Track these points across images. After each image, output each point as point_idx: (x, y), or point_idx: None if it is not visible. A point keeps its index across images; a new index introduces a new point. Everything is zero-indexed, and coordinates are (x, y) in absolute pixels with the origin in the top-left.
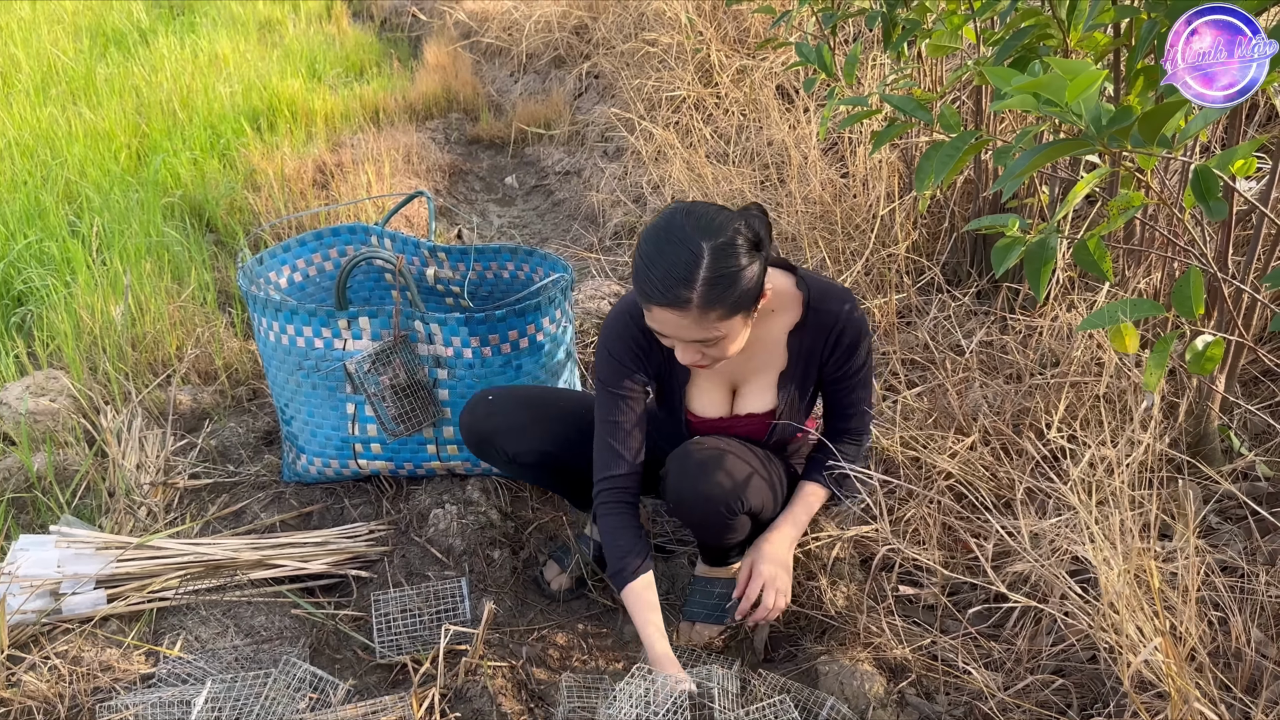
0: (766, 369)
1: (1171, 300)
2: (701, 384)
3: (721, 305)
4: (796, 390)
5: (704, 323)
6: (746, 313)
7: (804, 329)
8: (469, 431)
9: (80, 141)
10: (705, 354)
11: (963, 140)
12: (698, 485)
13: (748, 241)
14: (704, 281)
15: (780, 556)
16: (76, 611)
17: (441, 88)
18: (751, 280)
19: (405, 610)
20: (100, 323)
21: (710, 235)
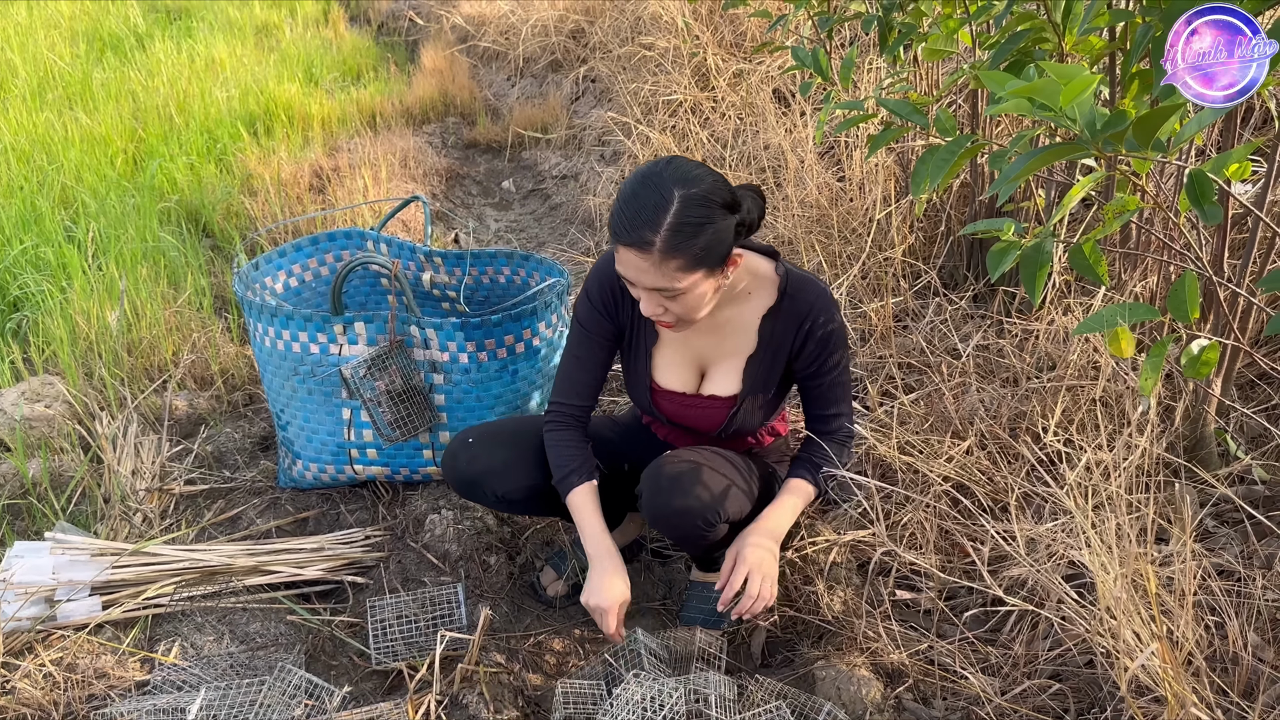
0: (736, 354)
1: (1167, 304)
2: (670, 355)
3: (683, 254)
4: (762, 378)
5: (664, 270)
6: (710, 271)
7: (777, 314)
8: (455, 478)
9: (76, 146)
10: (667, 308)
11: (958, 144)
12: (671, 500)
13: (722, 201)
14: (668, 227)
15: (765, 542)
16: (71, 618)
17: (438, 92)
18: (718, 238)
19: (401, 616)
20: (96, 328)
21: (684, 185)
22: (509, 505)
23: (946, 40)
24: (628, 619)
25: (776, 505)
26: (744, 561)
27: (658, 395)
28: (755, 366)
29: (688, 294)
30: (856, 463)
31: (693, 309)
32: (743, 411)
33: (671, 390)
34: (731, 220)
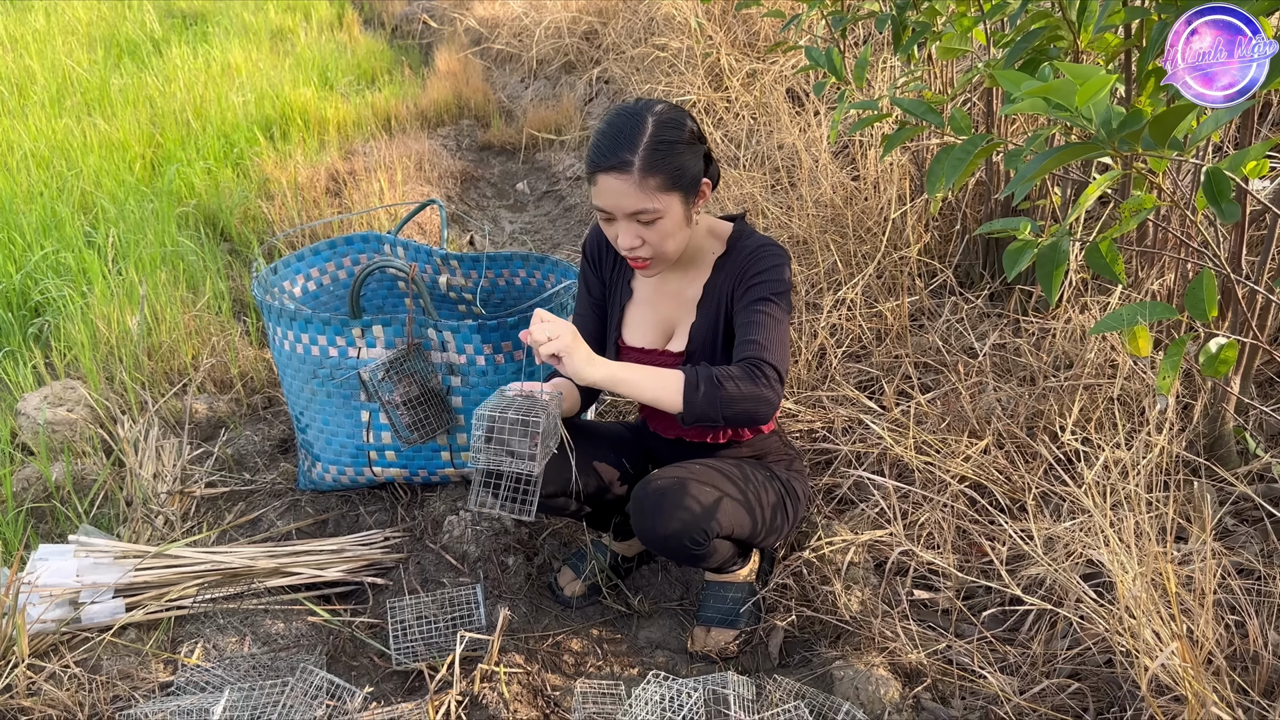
0: (692, 310)
1: (1185, 303)
2: (640, 315)
3: (661, 172)
4: (709, 328)
5: (644, 189)
6: (684, 196)
7: (724, 263)
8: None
9: (95, 152)
10: (644, 239)
11: (973, 144)
12: (656, 525)
13: (690, 128)
14: (645, 145)
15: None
16: (95, 620)
17: (453, 94)
18: (691, 160)
19: (421, 617)
20: (117, 333)
21: (655, 111)
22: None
23: (961, 39)
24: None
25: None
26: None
27: (624, 353)
28: (701, 321)
29: (664, 218)
30: (873, 463)
31: (667, 236)
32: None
33: (635, 347)
34: (700, 148)
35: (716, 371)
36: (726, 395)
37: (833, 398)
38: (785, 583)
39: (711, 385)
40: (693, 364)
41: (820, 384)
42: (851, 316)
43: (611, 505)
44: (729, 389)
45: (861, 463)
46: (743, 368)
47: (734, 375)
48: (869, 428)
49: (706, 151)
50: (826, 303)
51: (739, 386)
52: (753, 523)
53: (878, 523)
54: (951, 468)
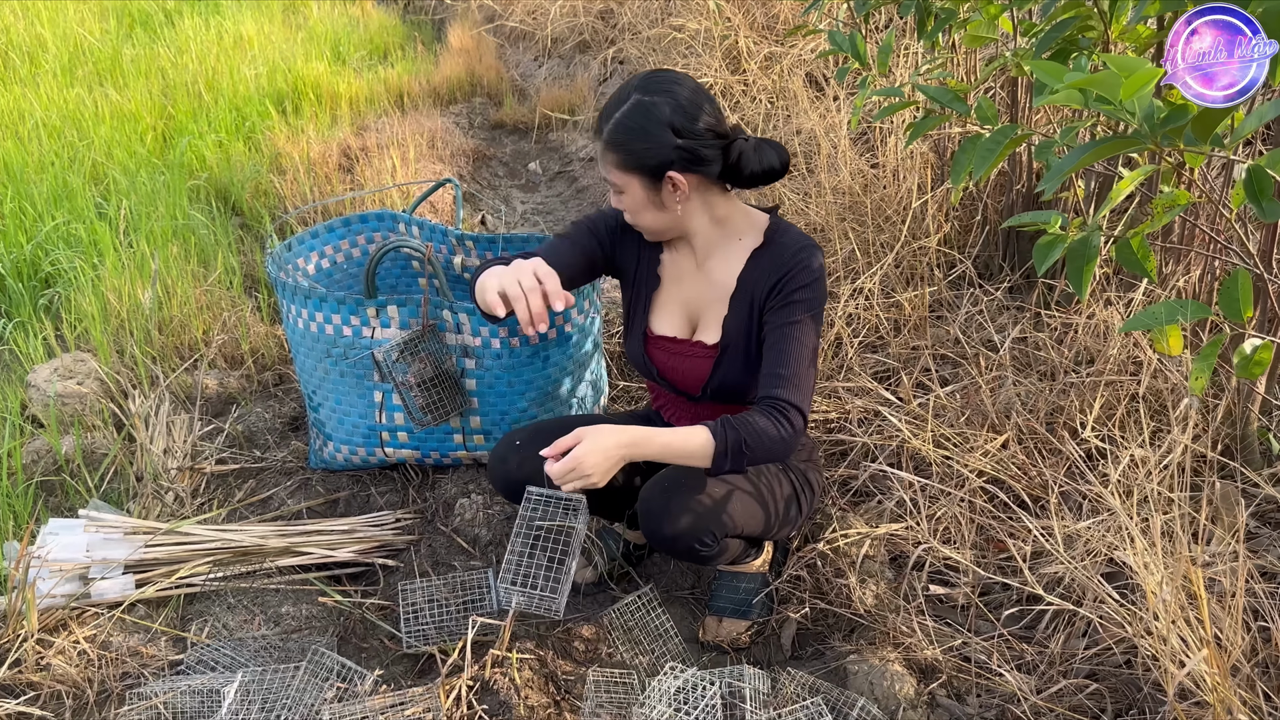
0: (723, 300)
1: (1219, 302)
2: (667, 302)
3: (617, 152)
4: (742, 326)
5: (604, 161)
6: (645, 181)
7: (759, 257)
8: (504, 482)
9: (107, 123)
10: (621, 203)
11: (1003, 135)
12: (663, 525)
13: (667, 120)
14: (612, 123)
15: (612, 439)
16: (105, 596)
17: (465, 71)
18: (651, 150)
19: (432, 600)
20: (128, 306)
21: (644, 93)
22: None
23: (988, 26)
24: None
25: (662, 429)
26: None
27: (651, 343)
28: (734, 315)
29: (626, 194)
30: (891, 455)
31: (633, 212)
32: (726, 362)
33: (663, 336)
34: (672, 140)
35: (744, 433)
36: (753, 456)
37: (850, 388)
38: (799, 574)
39: (739, 454)
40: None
41: (837, 374)
42: (869, 306)
43: (623, 496)
44: (755, 449)
45: (879, 455)
46: (768, 415)
47: (759, 430)
48: (886, 419)
49: (690, 148)
50: (844, 292)
51: (763, 441)
52: (765, 518)
53: (894, 516)
54: (970, 462)
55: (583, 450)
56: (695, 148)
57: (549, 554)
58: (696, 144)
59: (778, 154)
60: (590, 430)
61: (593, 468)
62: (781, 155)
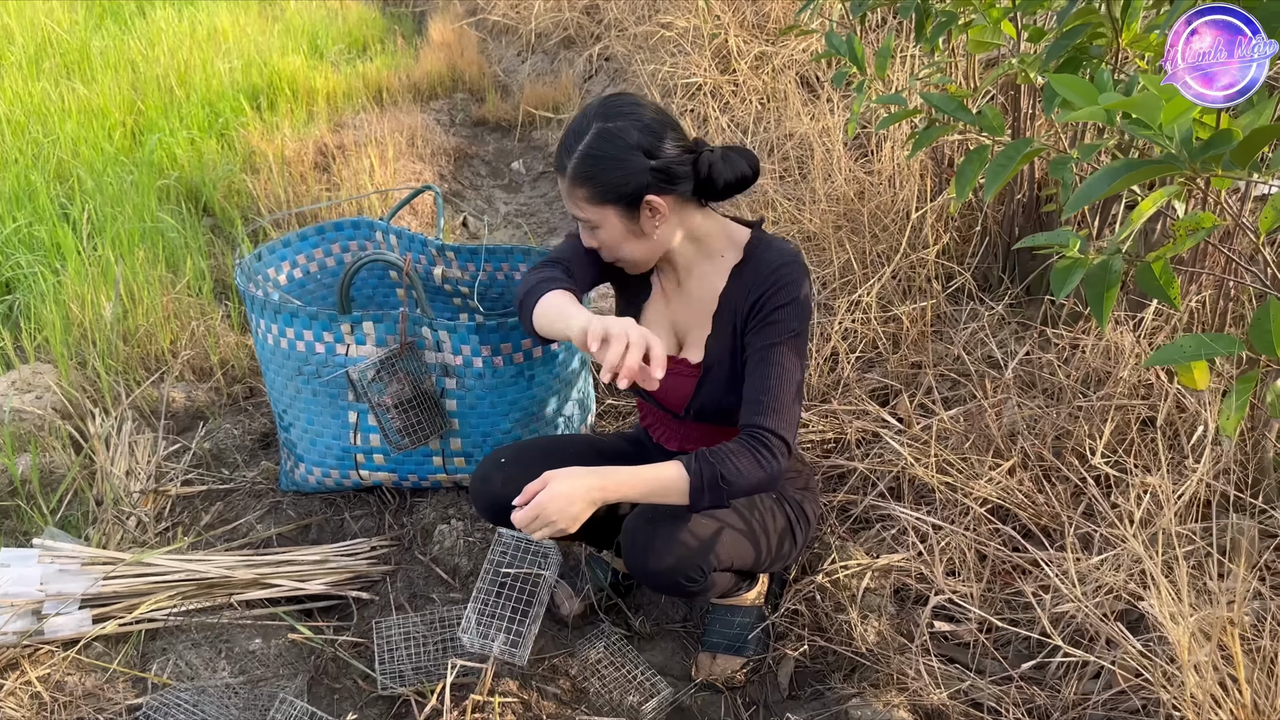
0: (706, 318)
1: (1249, 335)
2: (654, 314)
3: (588, 185)
4: (725, 345)
5: (573, 197)
6: (622, 211)
7: (740, 273)
8: (489, 503)
9: (74, 118)
10: (597, 241)
11: (1016, 150)
12: (648, 561)
13: (637, 143)
14: (578, 155)
15: (581, 483)
16: (60, 633)
17: (447, 66)
18: (627, 175)
19: (409, 637)
20: (90, 315)
21: (605, 119)
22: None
23: (992, 32)
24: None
25: (634, 468)
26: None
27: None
28: (716, 336)
29: (602, 229)
30: (891, 481)
31: (611, 247)
32: (710, 382)
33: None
34: (645, 163)
35: (720, 468)
36: (733, 489)
37: (848, 410)
38: (797, 609)
39: (716, 488)
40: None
41: (832, 390)
42: (866, 320)
43: (611, 524)
44: (735, 483)
45: (879, 481)
46: (748, 447)
47: (739, 463)
48: (885, 443)
49: (664, 167)
50: (840, 306)
51: (743, 475)
52: (756, 553)
53: (896, 545)
54: (975, 490)
55: (547, 496)
56: (668, 167)
57: (516, 601)
58: (669, 163)
59: (747, 160)
60: (557, 474)
61: (558, 514)
62: (751, 161)
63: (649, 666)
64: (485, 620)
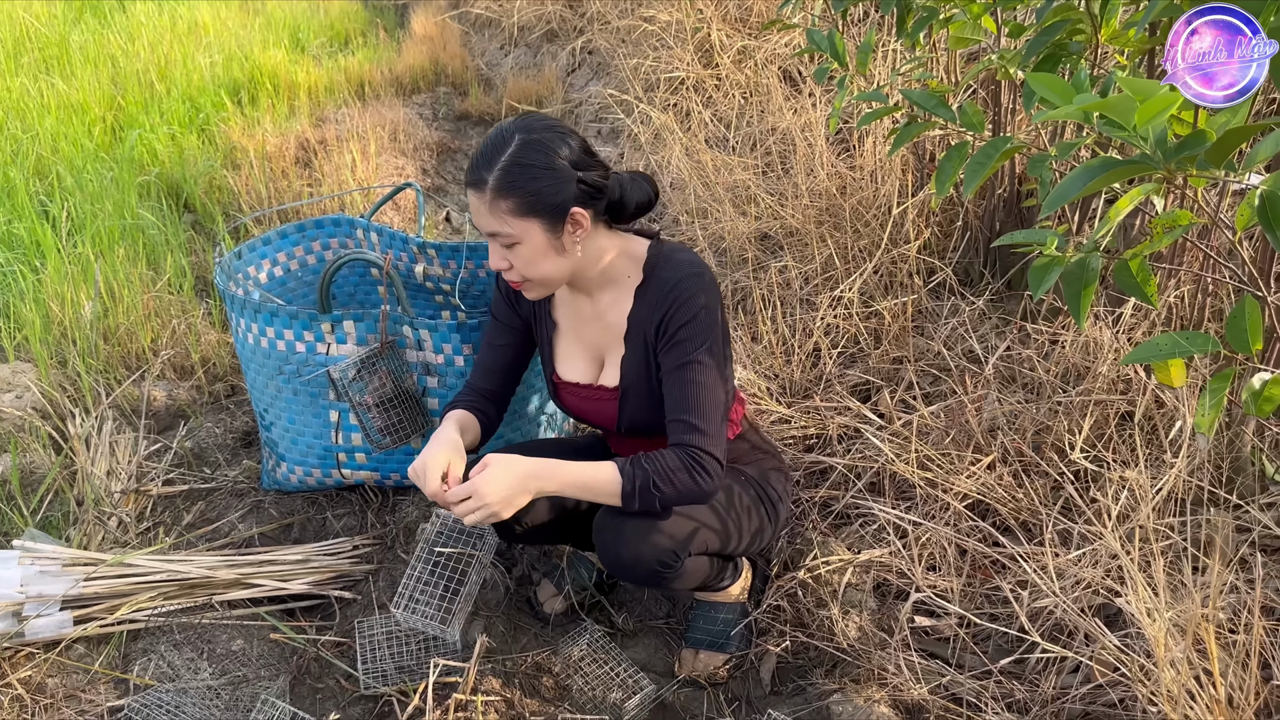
0: (619, 341)
1: (1225, 333)
2: (567, 347)
3: (514, 196)
4: (640, 367)
5: (495, 212)
6: (546, 224)
7: (644, 294)
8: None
9: (53, 114)
10: (510, 262)
11: (994, 148)
12: (621, 551)
13: (563, 154)
14: (501, 166)
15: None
16: (40, 635)
17: (429, 60)
18: (553, 187)
19: (391, 636)
20: (70, 314)
21: (528, 131)
22: (537, 533)
23: (972, 27)
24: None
25: (571, 463)
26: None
27: (561, 389)
28: (630, 356)
29: (523, 245)
30: (873, 477)
31: (530, 264)
32: (630, 403)
33: (571, 382)
34: (572, 175)
35: (654, 476)
36: (664, 498)
37: (830, 407)
38: (779, 604)
39: (647, 494)
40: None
41: (814, 386)
42: (848, 316)
43: (587, 522)
44: (666, 493)
45: (861, 476)
46: (684, 464)
47: (673, 476)
48: (866, 438)
49: (587, 180)
50: (822, 302)
51: (676, 488)
52: (727, 534)
53: (877, 541)
54: (955, 485)
55: (481, 479)
56: (594, 180)
57: (449, 580)
58: (594, 177)
59: (650, 185)
60: (496, 459)
61: (492, 496)
62: (652, 187)
63: (632, 663)
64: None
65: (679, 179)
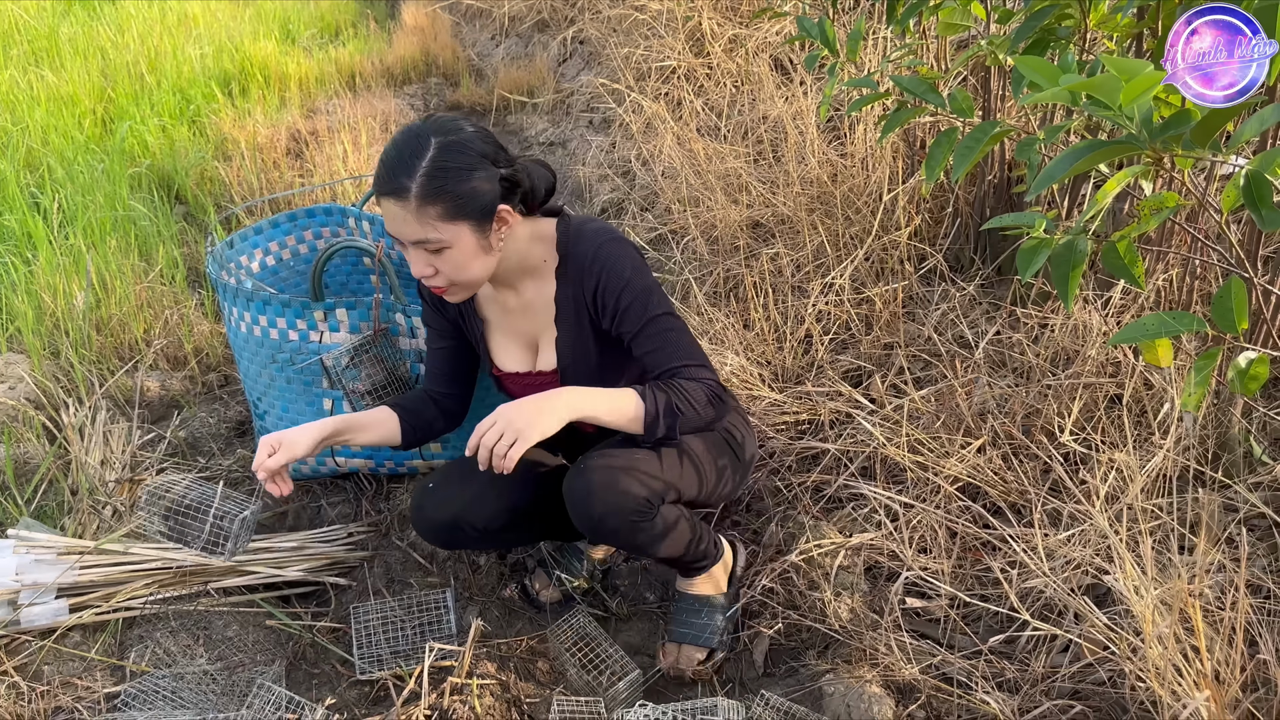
0: (551, 325)
1: (1212, 313)
2: (501, 339)
3: (441, 201)
4: (579, 347)
5: (423, 219)
6: (475, 225)
7: (565, 276)
8: (430, 527)
9: (43, 106)
10: (436, 268)
11: (982, 132)
12: (592, 505)
13: (482, 151)
14: (424, 171)
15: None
16: (36, 623)
17: (420, 51)
18: (480, 187)
19: (387, 621)
20: (63, 305)
21: (443, 134)
22: (494, 537)
23: (961, 13)
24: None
25: (591, 389)
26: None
27: (503, 380)
28: (564, 335)
29: (453, 249)
30: (864, 461)
31: (460, 267)
32: (573, 379)
33: (511, 372)
34: (495, 172)
35: (674, 398)
36: (685, 419)
37: (822, 392)
38: (772, 587)
39: (671, 414)
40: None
41: (806, 372)
42: (839, 302)
43: (539, 519)
44: (686, 414)
45: (852, 461)
46: (696, 383)
47: (690, 396)
48: (858, 423)
49: (509, 175)
50: (814, 288)
51: (694, 406)
52: (697, 476)
53: (868, 524)
54: (946, 468)
55: (514, 409)
56: (513, 175)
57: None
58: (512, 171)
59: (547, 169)
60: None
61: (526, 424)
62: (549, 170)
63: (623, 649)
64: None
65: (671, 168)
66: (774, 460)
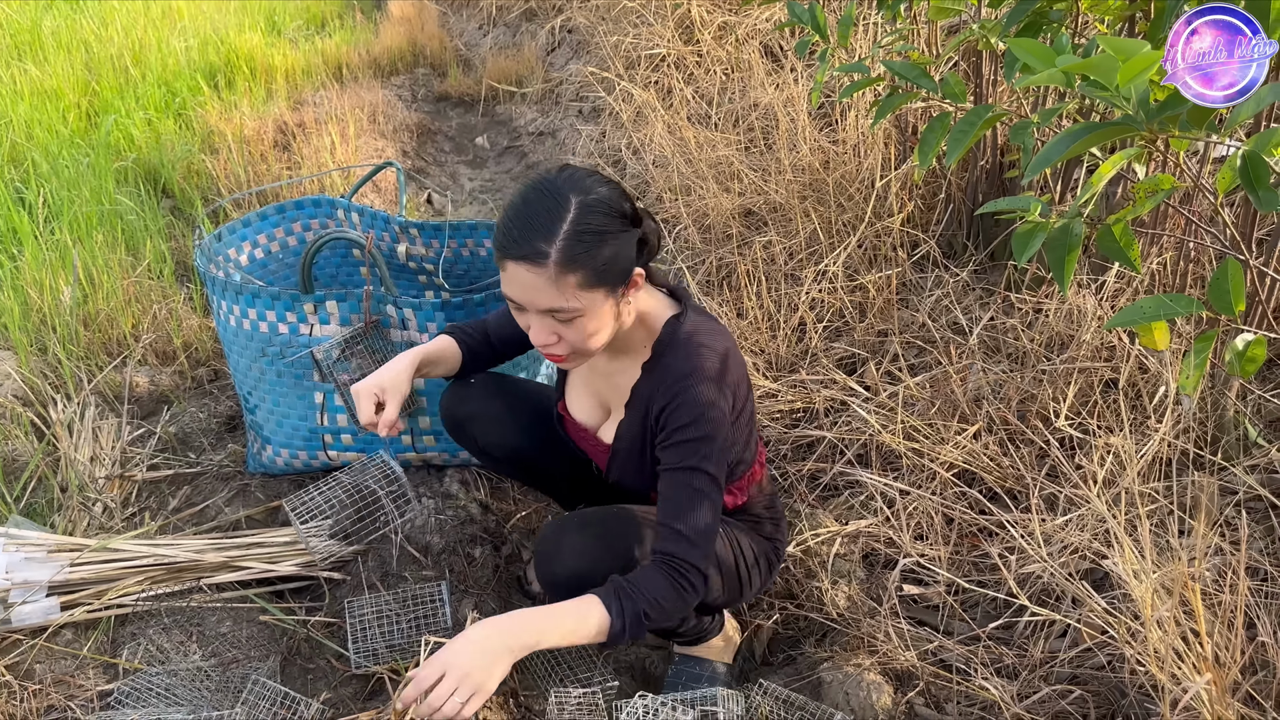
0: (622, 406)
1: (1208, 295)
2: (579, 385)
3: (582, 268)
4: (635, 439)
5: (561, 286)
6: (610, 290)
7: (649, 371)
8: (445, 414)
9: (26, 100)
10: (561, 336)
11: (976, 116)
12: (553, 566)
13: (622, 211)
14: (565, 235)
15: (484, 636)
16: (27, 622)
17: (407, 41)
18: (620, 252)
19: (381, 615)
20: (49, 301)
21: (581, 192)
22: (493, 462)
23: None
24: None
25: (547, 609)
26: (435, 661)
27: (565, 421)
28: (628, 424)
29: (585, 317)
30: (860, 448)
31: (589, 336)
32: (619, 464)
33: (577, 420)
34: (634, 234)
35: (643, 606)
36: (653, 624)
37: (816, 379)
38: None
39: (639, 625)
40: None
41: (800, 360)
42: (833, 289)
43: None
44: (656, 618)
45: (848, 449)
46: (667, 577)
47: (660, 600)
48: (853, 411)
49: (643, 235)
50: (807, 276)
51: (665, 610)
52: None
53: (864, 511)
54: (942, 455)
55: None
56: (645, 235)
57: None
58: (645, 231)
59: (656, 223)
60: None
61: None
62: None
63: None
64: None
65: (661, 156)
66: (769, 449)
